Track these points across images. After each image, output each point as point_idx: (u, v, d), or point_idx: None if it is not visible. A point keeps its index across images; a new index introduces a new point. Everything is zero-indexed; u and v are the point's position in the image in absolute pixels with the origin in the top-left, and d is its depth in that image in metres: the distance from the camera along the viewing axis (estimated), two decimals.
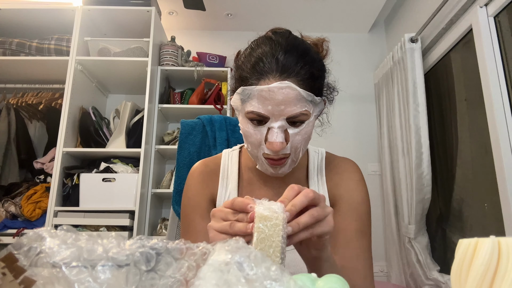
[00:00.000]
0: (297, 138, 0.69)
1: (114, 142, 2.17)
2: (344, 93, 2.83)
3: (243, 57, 0.74)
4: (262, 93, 0.66)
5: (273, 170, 0.72)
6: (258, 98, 0.67)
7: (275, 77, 0.67)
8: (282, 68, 0.67)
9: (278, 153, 0.68)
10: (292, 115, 0.66)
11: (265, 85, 0.67)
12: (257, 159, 0.72)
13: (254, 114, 0.68)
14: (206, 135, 1.24)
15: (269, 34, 0.74)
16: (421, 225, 2.03)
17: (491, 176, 1.56)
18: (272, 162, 0.70)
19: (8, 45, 2.23)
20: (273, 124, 0.67)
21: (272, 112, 0.66)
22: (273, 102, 0.66)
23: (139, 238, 0.34)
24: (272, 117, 0.67)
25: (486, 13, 1.63)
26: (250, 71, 0.70)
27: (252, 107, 0.67)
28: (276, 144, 0.66)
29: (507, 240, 0.30)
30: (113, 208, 1.95)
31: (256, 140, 0.69)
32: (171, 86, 2.56)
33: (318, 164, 0.84)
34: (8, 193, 2.08)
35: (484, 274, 0.30)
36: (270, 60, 0.68)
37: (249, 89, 0.68)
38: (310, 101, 0.69)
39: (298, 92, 0.66)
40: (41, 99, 2.29)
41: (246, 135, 0.71)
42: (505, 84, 1.54)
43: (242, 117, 0.72)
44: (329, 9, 2.59)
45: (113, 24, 2.41)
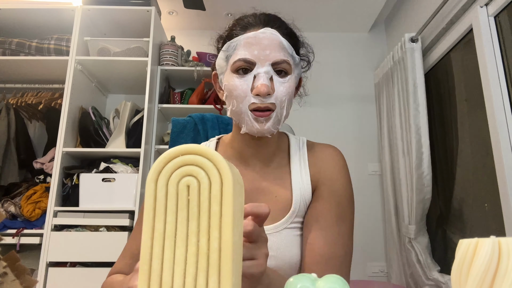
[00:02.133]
0: (281, 89, 0.70)
1: (114, 142, 2.16)
2: (344, 93, 2.84)
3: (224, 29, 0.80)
4: (248, 39, 0.70)
5: (258, 126, 0.70)
6: (244, 45, 0.70)
7: (259, 27, 0.73)
8: (264, 21, 0.74)
9: (265, 100, 0.69)
10: (276, 60, 0.70)
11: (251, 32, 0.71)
12: (242, 117, 0.71)
13: (241, 61, 0.70)
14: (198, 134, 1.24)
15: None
16: (421, 225, 2.03)
17: (491, 176, 1.56)
18: (258, 114, 0.70)
19: (8, 45, 2.23)
20: (259, 70, 0.69)
21: (258, 56, 0.69)
22: (259, 47, 0.69)
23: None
24: (258, 63, 0.69)
25: (486, 13, 1.63)
26: (233, 28, 0.76)
27: (239, 55, 0.70)
28: (263, 86, 0.67)
29: (507, 240, 0.30)
30: (113, 208, 1.94)
31: (242, 91, 0.70)
32: (171, 86, 2.56)
33: (300, 149, 0.83)
34: (7, 193, 2.07)
35: (485, 274, 0.30)
36: (253, 16, 0.76)
37: (235, 40, 0.72)
38: (291, 55, 0.72)
39: (281, 40, 0.71)
40: (40, 99, 2.28)
41: (231, 89, 0.71)
42: (505, 84, 1.54)
43: (227, 73, 0.73)
44: (329, 9, 2.59)
45: (113, 24, 2.40)
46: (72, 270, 1.88)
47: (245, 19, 0.76)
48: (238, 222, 0.34)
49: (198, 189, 0.32)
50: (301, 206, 0.75)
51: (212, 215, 0.32)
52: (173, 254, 0.31)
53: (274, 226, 0.73)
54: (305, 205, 0.76)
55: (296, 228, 0.74)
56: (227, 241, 0.31)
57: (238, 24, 0.76)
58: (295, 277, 0.35)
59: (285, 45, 0.71)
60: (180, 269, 0.31)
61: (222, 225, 0.31)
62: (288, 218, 0.74)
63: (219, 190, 0.32)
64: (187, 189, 0.32)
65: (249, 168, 0.80)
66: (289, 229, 0.74)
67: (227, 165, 0.32)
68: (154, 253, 0.32)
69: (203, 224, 0.32)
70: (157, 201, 0.32)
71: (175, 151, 0.33)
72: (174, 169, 0.33)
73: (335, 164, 0.79)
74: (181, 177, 0.33)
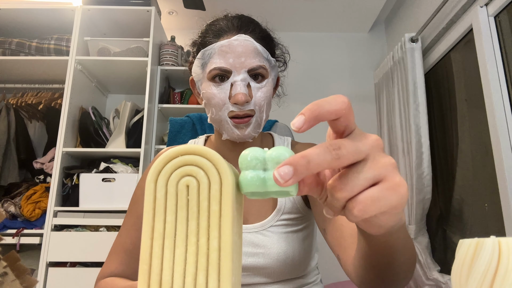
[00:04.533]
0: (259, 94, 0.71)
1: (114, 142, 2.16)
2: (344, 93, 2.86)
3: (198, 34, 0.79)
4: (223, 48, 0.70)
5: (239, 132, 0.71)
6: (219, 54, 0.70)
7: (232, 33, 0.72)
8: (238, 26, 0.73)
9: (243, 108, 0.69)
10: (252, 67, 0.70)
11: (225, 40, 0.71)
12: (222, 124, 0.72)
13: (216, 70, 0.70)
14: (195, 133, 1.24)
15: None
16: (421, 225, 2.03)
17: (491, 176, 1.56)
18: (238, 121, 0.70)
19: (8, 45, 2.23)
20: (236, 78, 0.69)
21: (233, 64, 0.69)
22: (234, 55, 0.69)
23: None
24: (234, 71, 0.69)
25: (486, 13, 1.63)
26: (206, 34, 0.75)
27: (214, 64, 0.70)
28: (241, 95, 0.67)
29: (507, 240, 0.30)
30: (113, 208, 1.94)
31: (220, 100, 0.70)
32: (171, 86, 2.56)
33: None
34: (7, 193, 2.07)
35: (485, 274, 0.30)
36: (226, 22, 0.74)
37: (209, 48, 0.72)
38: (266, 59, 0.72)
39: (256, 45, 0.71)
40: (40, 99, 2.28)
41: (209, 97, 0.71)
42: (505, 84, 1.54)
43: (204, 82, 0.73)
44: (329, 9, 2.59)
45: (113, 24, 2.40)
46: (72, 270, 1.88)
47: (217, 24, 0.75)
48: (238, 221, 0.34)
49: (198, 189, 0.32)
50: (287, 203, 0.78)
51: (211, 215, 0.32)
52: (172, 253, 0.32)
53: (260, 224, 0.76)
54: (292, 203, 0.78)
55: (283, 226, 0.76)
56: (227, 240, 0.31)
57: (211, 30, 0.75)
58: (248, 148, 0.34)
59: (260, 50, 0.71)
60: (180, 268, 0.31)
61: (222, 225, 0.31)
62: (273, 216, 0.76)
63: (219, 190, 0.32)
64: (187, 189, 0.32)
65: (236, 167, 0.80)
66: (276, 226, 0.76)
67: (226, 165, 0.32)
68: (153, 253, 0.32)
69: (203, 223, 0.32)
70: (156, 201, 0.33)
71: (174, 151, 0.33)
72: (174, 169, 0.33)
73: None
74: (180, 177, 0.33)
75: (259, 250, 0.73)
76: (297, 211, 0.78)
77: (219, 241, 0.31)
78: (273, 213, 0.76)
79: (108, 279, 0.71)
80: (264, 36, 0.76)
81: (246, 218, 0.77)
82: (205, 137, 0.90)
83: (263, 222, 0.76)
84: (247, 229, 0.75)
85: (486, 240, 0.31)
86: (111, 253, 0.75)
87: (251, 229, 0.75)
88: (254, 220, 0.77)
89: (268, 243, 0.73)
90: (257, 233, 0.74)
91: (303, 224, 0.80)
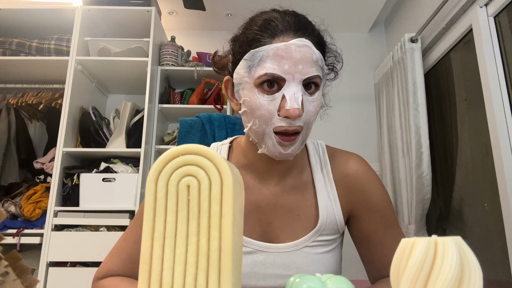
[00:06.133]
0: (311, 108, 0.62)
1: (114, 142, 2.16)
2: (344, 93, 2.84)
3: (243, 28, 0.68)
4: (279, 51, 0.59)
5: (282, 150, 0.62)
6: (273, 58, 0.60)
7: (289, 35, 0.61)
8: (296, 27, 0.62)
9: (294, 123, 0.60)
10: (310, 76, 0.60)
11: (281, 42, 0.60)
12: (264, 139, 0.63)
13: (268, 76, 0.60)
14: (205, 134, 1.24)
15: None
16: (421, 225, 2.03)
17: (491, 176, 1.56)
18: (285, 138, 0.61)
19: (8, 45, 2.23)
20: (290, 89, 0.59)
21: (289, 72, 0.59)
22: (290, 62, 0.59)
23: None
24: (289, 80, 0.59)
25: (486, 13, 1.63)
26: (259, 32, 0.63)
27: (266, 69, 0.60)
28: (295, 110, 0.58)
29: (444, 239, 0.30)
30: (113, 208, 1.95)
31: (268, 112, 0.60)
32: (171, 86, 2.56)
33: (321, 159, 0.75)
34: (8, 193, 2.07)
35: (417, 275, 0.30)
36: (282, 20, 0.63)
37: (261, 50, 0.61)
38: (321, 68, 0.64)
39: (314, 52, 0.61)
40: (41, 99, 2.29)
41: (254, 107, 0.61)
42: (505, 84, 1.54)
43: (249, 87, 0.63)
44: (329, 9, 2.59)
45: (113, 24, 2.40)
46: (72, 270, 1.88)
47: (272, 22, 0.63)
48: (238, 221, 0.34)
49: (198, 189, 0.32)
50: (328, 224, 0.70)
51: (212, 215, 0.32)
52: (173, 253, 0.32)
53: (294, 243, 0.69)
54: (333, 223, 0.71)
55: (319, 246, 0.70)
56: (227, 241, 0.31)
57: (265, 28, 0.63)
58: (304, 281, 0.34)
59: (318, 58, 0.62)
60: (180, 268, 0.31)
61: (222, 225, 0.31)
62: (310, 236, 0.70)
63: (219, 190, 0.32)
64: (187, 189, 0.32)
65: (265, 182, 0.73)
66: (311, 247, 0.70)
67: (227, 165, 0.32)
68: (154, 253, 0.32)
69: (203, 224, 0.32)
70: (157, 201, 0.33)
71: (175, 151, 0.33)
72: (174, 169, 0.33)
73: (365, 180, 0.73)
74: (181, 177, 0.33)
75: (290, 271, 0.68)
76: (336, 232, 0.72)
77: (219, 241, 0.31)
78: (311, 233, 0.70)
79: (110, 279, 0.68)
80: (320, 41, 0.66)
81: (277, 235, 0.71)
82: (229, 143, 0.79)
83: (296, 241, 0.69)
84: (279, 249, 0.69)
85: (421, 239, 0.30)
86: (112, 254, 0.72)
87: (283, 249, 0.69)
88: (286, 239, 0.70)
89: (301, 264, 0.68)
90: (289, 253, 0.69)
91: (338, 241, 0.74)
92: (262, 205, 0.71)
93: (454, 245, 0.29)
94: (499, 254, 1.52)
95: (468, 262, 0.29)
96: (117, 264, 0.70)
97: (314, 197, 0.72)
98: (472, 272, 0.29)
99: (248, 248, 0.69)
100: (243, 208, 0.39)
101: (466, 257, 0.29)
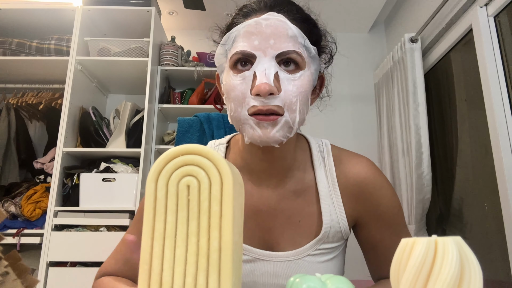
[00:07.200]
0: (290, 87, 0.56)
1: (114, 142, 2.16)
2: (344, 93, 2.85)
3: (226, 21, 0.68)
4: (248, 28, 0.57)
5: (261, 132, 0.56)
6: (244, 36, 0.57)
7: (262, 12, 0.59)
8: (270, 5, 0.60)
9: (267, 102, 0.55)
10: (282, 51, 0.56)
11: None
12: (242, 124, 0.58)
13: (238, 54, 0.57)
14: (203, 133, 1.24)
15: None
16: (421, 225, 2.03)
17: (491, 176, 1.56)
18: (260, 118, 0.56)
19: (8, 45, 2.23)
20: (262, 64, 0.56)
21: (259, 47, 0.56)
22: (260, 37, 0.56)
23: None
24: (259, 56, 0.56)
25: (486, 13, 1.63)
26: (235, 16, 0.63)
27: (236, 48, 0.58)
28: (264, 84, 0.54)
29: (444, 239, 0.30)
30: (113, 208, 1.94)
31: (240, 92, 0.57)
32: (171, 86, 2.56)
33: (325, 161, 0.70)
34: (8, 193, 2.07)
35: (417, 275, 0.30)
36: (258, 2, 0.62)
37: (234, 30, 0.59)
38: (304, 46, 0.59)
39: (289, 26, 0.57)
40: (41, 99, 2.29)
41: (229, 89, 0.58)
42: (505, 84, 1.54)
43: (226, 71, 0.61)
44: (329, 9, 2.59)
45: (113, 24, 2.40)
46: (72, 270, 1.88)
47: (248, 5, 0.63)
48: (238, 221, 0.34)
49: (198, 189, 0.32)
50: (332, 232, 0.66)
51: (212, 215, 0.32)
52: (173, 253, 0.32)
53: (295, 252, 0.66)
54: (338, 232, 0.67)
55: (321, 254, 0.67)
56: (227, 241, 0.31)
57: (240, 10, 0.63)
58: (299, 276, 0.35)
59: (295, 33, 0.57)
60: (180, 268, 0.31)
61: (222, 225, 0.31)
62: (313, 245, 0.66)
63: (219, 190, 0.32)
64: (187, 189, 0.32)
65: (263, 184, 0.68)
66: (313, 255, 0.66)
67: (227, 165, 0.32)
68: (154, 253, 0.32)
69: (203, 224, 0.32)
70: (157, 201, 0.33)
71: (175, 151, 0.33)
72: (174, 169, 0.33)
73: (373, 188, 0.67)
74: (181, 177, 0.33)
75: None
76: (340, 239, 0.68)
77: (219, 241, 0.31)
78: (313, 242, 0.66)
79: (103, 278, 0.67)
80: (303, 18, 0.62)
81: (278, 243, 0.67)
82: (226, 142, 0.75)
83: (298, 250, 0.66)
84: (279, 257, 0.66)
85: (422, 239, 0.30)
86: (113, 256, 0.71)
87: (283, 258, 0.66)
88: (287, 246, 0.66)
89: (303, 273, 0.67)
90: (290, 262, 0.65)
91: (342, 247, 0.71)
92: (261, 209, 0.67)
93: (454, 245, 0.29)
94: (499, 254, 1.52)
95: (468, 262, 0.29)
96: (111, 264, 0.69)
97: (317, 203, 0.67)
98: (472, 272, 0.29)
99: (248, 256, 0.66)
100: (243, 208, 0.39)
101: (466, 257, 0.29)
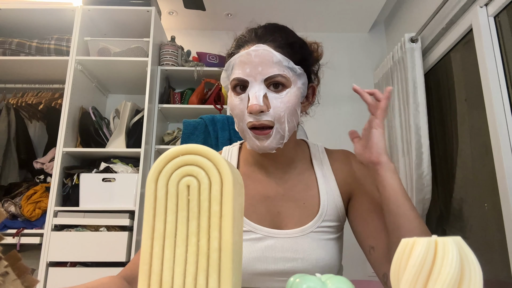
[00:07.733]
0: (278, 104, 0.70)
1: (114, 142, 2.16)
2: (344, 93, 2.84)
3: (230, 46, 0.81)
4: (242, 58, 0.71)
5: (259, 143, 0.72)
6: (239, 65, 0.72)
7: (252, 43, 0.73)
8: (259, 37, 0.74)
9: (259, 118, 0.70)
10: (269, 76, 0.70)
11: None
12: (244, 135, 0.74)
13: (235, 80, 0.72)
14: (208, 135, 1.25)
15: None
16: None
17: (491, 176, 1.56)
18: (257, 132, 0.71)
19: (8, 45, 2.23)
20: (253, 88, 0.70)
21: (250, 74, 0.70)
22: (251, 65, 0.70)
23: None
24: (251, 81, 0.70)
25: (486, 13, 1.63)
26: (232, 46, 0.78)
27: (234, 75, 0.72)
28: (254, 106, 0.68)
29: (444, 239, 0.30)
30: (113, 208, 1.94)
31: (240, 110, 0.72)
32: (171, 86, 2.56)
33: (320, 156, 0.86)
34: (8, 193, 2.07)
35: (418, 275, 0.30)
36: (249, 33, 0.76)
37: (232, 60, 0.74)
38: (288, 68, 0.72)
39: (273, 54, 0.70)
40: (41, 99, 2.29)
41: (232, 108, 0.74)
42: (505, 84, 1.54)
43: (229, 92, 0.76)
44: (329, 9, 2.59)
45: (113, 24, 2.40)
46: (72, 270, 1.88)
47: (242, 37, 0.77)
48: (238, 221, 0.34)
49: (198, 189, 0.32)
50: (329, 210, 0.79)
51: (212, 215, 0.32)
52: (173, 253, 0.32)
53: (300, 229, 0.76)
54: (334, 209, 0.79)
55: (323, 232, 0.77)
56: (227, 241, 0.31)
57: (236, 42, 0.78)
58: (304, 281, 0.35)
59: (279, 59, 0.71)
60: (180, 268, 0.31)
61: (222, 225, 0.31)
62: (314, 222, 0.77)
63: (219, 190, 0.32)
64: (187, 189, 0.32)
65: (271, 175, 0.82)
66: (316, 232, 0.77)
67: (227, 165, 0.32)
68: (154, 253, 0.32)
69: (203, 224, 0.32)
70: (157, 201, 0.33)
71: (175, 151, 0.33)
72: (174, 169, 0.33)
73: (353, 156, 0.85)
74: (181, 177, 0.33)
75: (298, 255, 0.74)
76: (338, 219, 0.80)
77: (219, 241, 0.31)
78: (315, 219, 0.77)
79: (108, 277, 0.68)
80: (288, 44, 0.74)
81: (286, 223, 0.78)
82: (239, 143, 0.91)
83: (303, 227, 0.77)
84: (287, 234, 0.76)
85: (422, 239, 0.30)
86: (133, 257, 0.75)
87: (291, 234, 0.76)
88: (294, 225, 0.78)
89: (308, 248, 0.75)
90: (297, 239, 0.75)
91: (340, 232, 0.82)
92: (270, 195, 0.80)
93: (454, 245, 0.29)
94: (499, 254, 1.52)
95: (468, 262, 0.29)
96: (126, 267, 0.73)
97: (317, 187, 0.81)
98: (472, 272, 0.29)
99: (259, 234, 0.76)
100: (243, 208, 0.39)
101: (466, 257, 0.29)
